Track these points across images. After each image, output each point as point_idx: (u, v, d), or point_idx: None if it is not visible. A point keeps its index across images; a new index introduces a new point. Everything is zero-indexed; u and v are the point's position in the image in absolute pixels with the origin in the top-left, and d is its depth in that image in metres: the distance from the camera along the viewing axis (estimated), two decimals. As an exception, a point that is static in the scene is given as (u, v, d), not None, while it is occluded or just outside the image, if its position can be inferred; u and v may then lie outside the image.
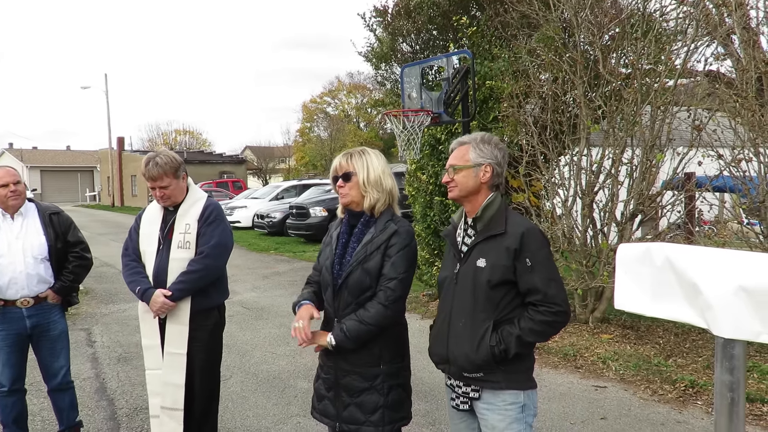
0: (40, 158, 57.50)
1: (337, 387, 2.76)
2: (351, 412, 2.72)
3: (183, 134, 61.04)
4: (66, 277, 3.97)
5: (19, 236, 3.85)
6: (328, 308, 2.81)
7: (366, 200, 2.76)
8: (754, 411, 4.63)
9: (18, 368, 3.93)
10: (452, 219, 2.74)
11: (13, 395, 3.92)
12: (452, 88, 6.60)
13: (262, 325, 7.75)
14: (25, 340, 3.93)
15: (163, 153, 3.55)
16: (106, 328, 7.63)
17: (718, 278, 1.59)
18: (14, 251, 3.80)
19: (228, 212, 20.81)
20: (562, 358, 6.01)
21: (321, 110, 55.19)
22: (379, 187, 2.77)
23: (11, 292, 3.79)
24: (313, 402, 2.92)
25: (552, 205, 7.18)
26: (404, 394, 2.82)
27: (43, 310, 3.91)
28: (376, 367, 2.72)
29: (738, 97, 5.60)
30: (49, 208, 4.10)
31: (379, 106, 14.41)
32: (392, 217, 2.80)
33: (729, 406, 1.62)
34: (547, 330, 2.40)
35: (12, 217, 3.88)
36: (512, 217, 2.50)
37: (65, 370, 4.07)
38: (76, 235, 4.09)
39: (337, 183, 2.79)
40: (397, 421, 2.76)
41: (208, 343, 3.60)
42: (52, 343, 3.99)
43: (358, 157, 2.80)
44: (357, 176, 2.76)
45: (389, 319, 2.70)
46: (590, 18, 6.74)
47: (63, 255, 3.99)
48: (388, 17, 11.43)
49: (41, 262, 3.86)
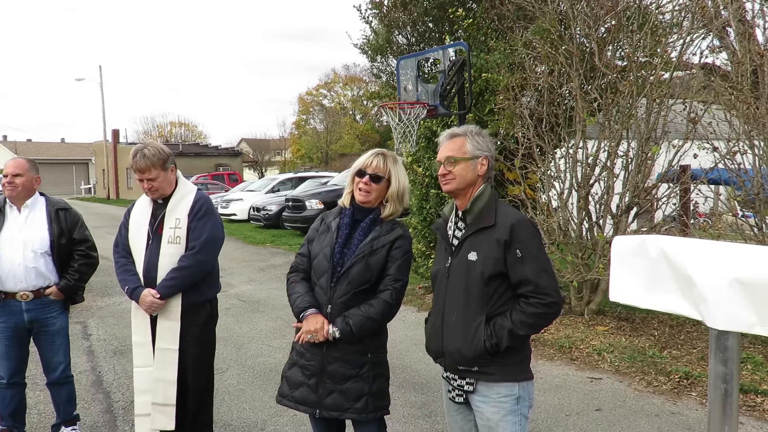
0: (34, 151, 57.18)
1: (321, 373, 2.78)
2: (334, 398, 2.76)
3: (178, 126, 60.89)
4: (71, 276, 3.95)
5: (22, 229, 3.86)
6: (320, 294, 2.83)
7: (386, 209, 2.85)
8: (748, 402, 4.67)
9: (17, 361, 3.92)
10: (443, 212, 2.73)
11: (12, 388, 3.92)
12: (448, 81, 6.59)
13: (258, 318, 7.75)
14: (24, 333, 3.92)
15: (151, 145, 3.52)
16: (101, 321, 7.62)
17: (712, 270, 1.59)
18: (15, 244, 3.80)
19: (224, 205, 20.77)
20: (557, 350, 6.04)
21: (317, 102, 55.04)
22: (401, 200, 2.87)
23: (9, 285, 3.79)
24: (282, 390, 2.91)
25: (548, 197, 7.20)
26: (386, 383, 2.89)
27: (43, 305, 3.90)
28: (364, 356, 2.79)
29: (733, 89, 5.61)
30: (58, 203, 4.09)
31: (375, 98, 14.36)
32: (396, 221, 2.90)
33: (722, 397, 1.63)
34: (539, 322, 2.40)
35: (19, 209, 3.90)
36: (502, 209, 2.50)
37: (64, 366, 4.07)
38: (83, 233, 4.06)
39: (363, 179, 2.80)
40: (379, 410, 2.82)
41: (200, 338, 3.58)
42: (50, 339, 3.99)
43: (393, 164, 2.85)
44: (388, 183, 2.83)
45: (391, 317, 2.82)
46: (586, 10, 6.73)
47: (67, 252, 3.97)
48: (384, 9, 11.39)
49: (41, 257, 3.85)
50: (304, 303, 2.83)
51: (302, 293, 2.87)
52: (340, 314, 2.75)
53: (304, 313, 2.79)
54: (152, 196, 3.57)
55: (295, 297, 2.88)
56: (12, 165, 3.88)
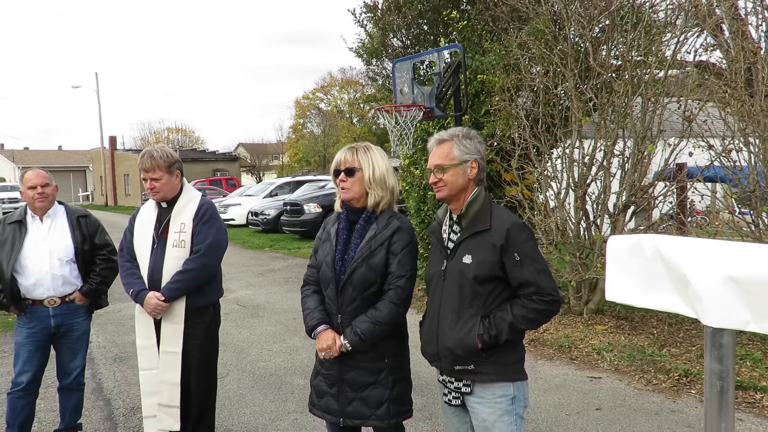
0: (31, 159, 57.09)
1: (340, 382, 2.76)
2: (356, 406, 2.73)
3: (175, 132, 60.78)
4: (93, 280, 4.02)
5: (46, 238, 3.91)
6: (330, 304, 2.79)
7: (370, 198, 2.77)
8: (747, 399, 4.68)
9: (38, 367, 3.96)
10: (437, 215, 2.73)
11: (26, 398, 3.94)
12: (444, 83, 6.61)
13: (258, 323, 7.75)
14: (48, 338, 3.98)
15: (160, 147, 3.62)
16: (101, 328, 7.62)
17: (706, 268, 1.60)
18: (41, 253, 3.86)
19: (222, 210, 20.77)
20: (556, 350, 6.04)
21: (314, 106, 55.04)
22: (384, 185, 2.78)
23: (38, 293, 3.86)
24: (312, 399, 2.91)
25: (545, 197, 7.21)
26: (407, 387, 2.84)
27: (69, 310, 3.97)
28: (381, 361, 2.74)
29: (728, 87, 5.63)
30: (77, 210, 4.17)
31: (371, 101, 14.37)
32: (393, 213, 2.81)
33: (718, 394, 1.64)
34: (540, 318, 2.42)
35: (41, 219, 3.96)
36: (496, 212, 2.50)
37: (79, 370, 4.13)
38: (104, 238, 4.15)
39: (339, 177, 2.77)
40: (401, 414, 2.78)
41: (204, 341, 3.63)
42: (72, 343, 4.05)
43: (364, 153, 2.78)
44: (362, 172, 2.75)
45: (401, 316, 2.74)
46: (580, 10, 6.75)
47: (90, 257, 4.05)
48: (379, 12, 11.41)
49: (67, 264, 3.92)
50: (313, 320, 2.79)
51: (312, 309, 2.83)
52: (351, 322, 2.71)
53: (315, 331, 2.76)
54: (154, 197, 3.63)
55: (306, 314, 2.86)
56: (39, 176, 3.96)
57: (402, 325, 2.85)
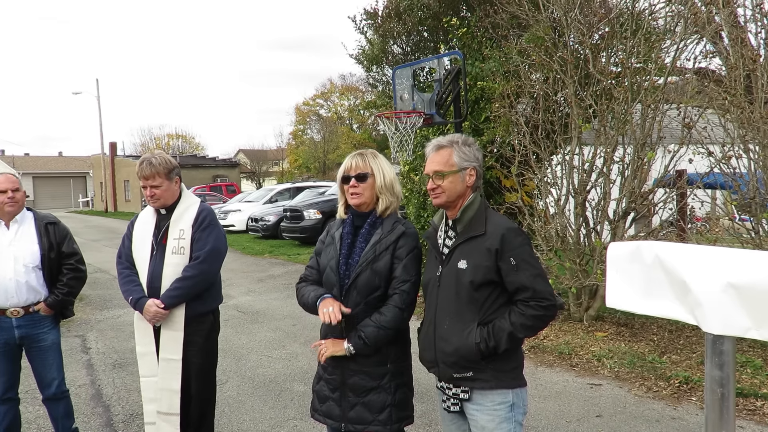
0: (32, 165, 57.25)
1: (343, 387, 2.75)
2: (358, 412, 2.72)
3: (176, 138, 60.86)
4: (60, 290, 3.92)
5: (12, 243, 3.83)
6: None
7: (380, 203, 2.78)
8: (748, 406, 4.67)
9: (9, 378, 3.90)
10: (432, 221, 2.73)
11: (5, 404, 3.90)
12: (444, 89, 6.63)
13: (258, 329, 7.74)
14: (15, 349, 3.90)
15: (159, 154, 3.60)
16: (100, 334, 7.61)
17: (706, 275, 1.60)
18: (5, 258, 3.78)
19: (222, 216, 20.76)
20: (557, 357, 6.03)
21: (314, 112, 55.14)
22: (392, 190, 2.81)
23: (0, 300, 3.77)
24: (314, 404, 2.90)
25: (545, 204, 7.21)
26: (409, 392, 2.84)
27: (34, 321, 3.88)
28: (383, 366, 2.73)
29: (727, 94, 5.64)
30: (46, 217, 4.07)
31: (371, 107, 14.36)
32: (398, 218, 2.82)
33: (719, 401, 1.64)
34: (538, 324, 2.41)
35: (7, 225, 3.88)
36: (491, 217, 2.50)
37: (58, 382, 4.03)
38: (71, 247, 4.05)
39: (350, 183, 2.77)
40: (403, 420, 2.78)
41: (204, 348, 3.61)
42: (43, 354, 3.95)
43: (373, 159, 2.80)
44: (374, 178, 2.76)
45: (405, 321, 2.74)
46: (580, 17, 6.77)
47: (57, 266, 3.96)
48: (379, 19, 11.44)
49: (33, 271, 3.84)
50: (317, 293, 2.73)
51: (311, 290, 2.78)
52: (354, 326, 2.69)
53: (319, 301, 2.68)
54: (153, 204, 3.61)
55: (306, 294, 2.79)
56: (8, 180, 3.85)
57: (405, 330, 2.85)
